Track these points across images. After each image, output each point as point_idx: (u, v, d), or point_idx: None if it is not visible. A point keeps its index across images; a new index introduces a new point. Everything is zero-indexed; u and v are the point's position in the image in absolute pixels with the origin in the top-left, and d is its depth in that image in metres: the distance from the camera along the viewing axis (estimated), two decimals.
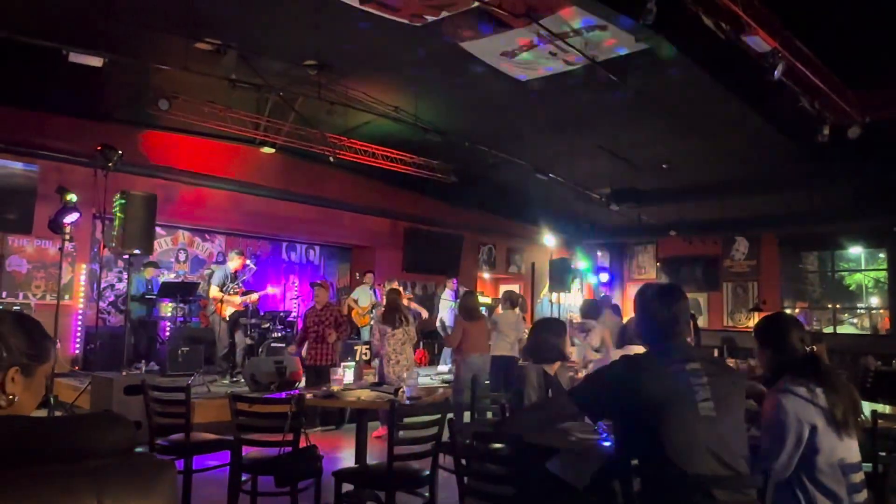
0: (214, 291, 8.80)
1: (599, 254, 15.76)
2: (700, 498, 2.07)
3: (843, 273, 14.03)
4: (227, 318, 8.66)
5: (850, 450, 2.44)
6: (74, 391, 7.02)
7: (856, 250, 13.41)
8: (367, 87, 8.09)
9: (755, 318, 12.75)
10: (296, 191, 11.03)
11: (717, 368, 2.33)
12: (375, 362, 7.85)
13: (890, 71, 6.90)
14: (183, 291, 9.16)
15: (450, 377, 9.92)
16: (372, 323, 10.51)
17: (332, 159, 9.73)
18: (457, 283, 11.80)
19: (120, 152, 7.49)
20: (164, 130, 9.25)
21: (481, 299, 12.38)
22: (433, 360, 11.93)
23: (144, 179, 8.92)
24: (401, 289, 7.69)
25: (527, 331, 8.91)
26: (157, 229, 8.67)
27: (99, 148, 7.46)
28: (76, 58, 6.14)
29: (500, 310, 8.59)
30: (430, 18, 6.17)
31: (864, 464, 2.57)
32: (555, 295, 13.47)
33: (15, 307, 8.02)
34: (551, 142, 9.69)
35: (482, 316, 7.95)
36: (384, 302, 10.48)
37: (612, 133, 9.27)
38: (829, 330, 13.32)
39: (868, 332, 13.19)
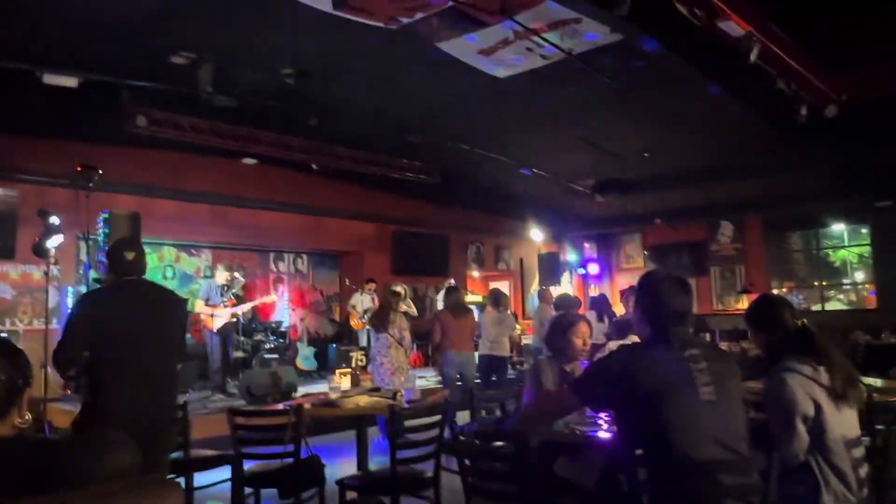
0: (200, 306, 8.73)
1: (587, 245, 15.82)
2: (705, 483, 2.08)
3: (827, 250, 14.17)
4: (217, 332, 8.59)
5: (850, 424, 2.47)
6: (68, 415, 6.94)
7: (838, 227, 13.55)
8: (345, 91, 8.06)
9: (744, 301, 12.85)
10: (280, 200, 10.99)
11: (716, 353, 2.35)
12: (371, 367, 7.83)
13: (863, 49, 6.97)
14: None
15: None
16: (367, 327, 10.60)
17: (314, 167, 9.69)
18: (454, 283, 11.83)
19: (100, 171, 7.41)
20: (144, 147, 9.16)
21: (471, 297, 12.42)
22: (427, 362, 11.92)
23: (126, 197, 8.86)
24: (402, 290, 7.43)
25: (517, 327, 8.98)
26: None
27: (79, 168, 7.38)
28: (50, 79, 6.08)
29: (488, 309, 8.64)
30: (404, 20, 6.16)
31: (863, 438, 2.61)
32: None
33: (2, 334, 7.93)
34: (533, 137, 9.71)
35: (467, 312, 7.88)
36: (377, 304, 10.52)
37: (593, 125, 9.30)
38: (817, 307, 13.46)
39: (855, 308, 13.33)
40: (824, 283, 13.93)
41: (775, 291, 13.66)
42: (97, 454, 1.31)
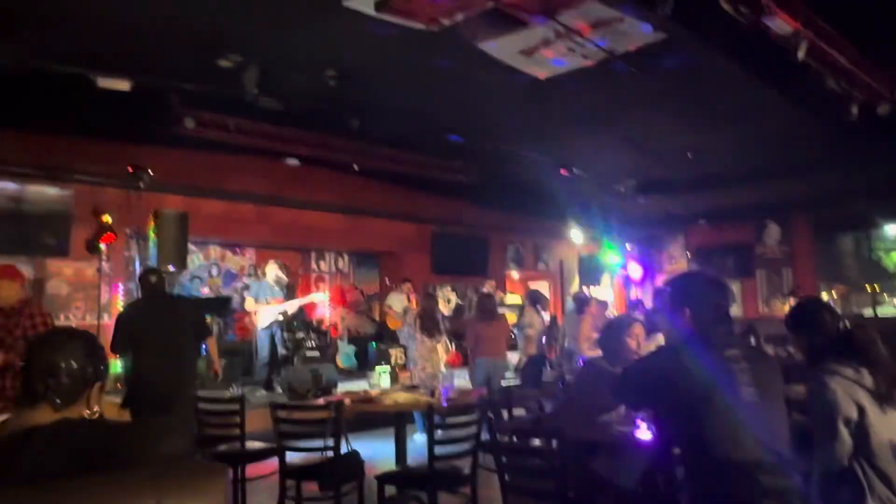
0: (250, 303, 8.93)
1: (628, 247, 15.62)
2: (745, 483, 2.06)
3: (879, 253, 13.71)
4: (265, 329, 8.76)
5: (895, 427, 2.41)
6: (121, 409, 7.16)
7: (893, 229, 13.10)
8: (386, 93, 8.15)
9: (791, 304, 12.53)
10: (322, 200, 11.14)
11: (756, 355, 2.33)
12: (410, 365, 7.91)
13: None
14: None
15: None
16: (405, 328, 10.68)
17: (355, 167, 9.82)
18: (494, 286, 11.90)
19: (150, 172, 7.66)
20: (191, 149, 9.42)
21: (510, 298, 12.41)
22: (466, 362, 11.95)
23: (174, 197, 9.12)
24: (439, 296, 7.51)
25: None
26: (190, 245, 8.83)
27: (130, 169, 7.64)
28: (104, 83, 6.31)
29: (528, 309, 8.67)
30: (445, 22, 6.19)
31: None
32: (585, 291, 13.39)
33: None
34: (574, 137, 9.65)
35: (498, 318, 7.90)
36: (413, 307, 10.61)
37: (636, 125, 9.20)
38: (868, 312, 13.04)
39: None
40: (876, 287, 13.49)
41: (824, 295, 13.28)
42: (156, 438, 1.38)
